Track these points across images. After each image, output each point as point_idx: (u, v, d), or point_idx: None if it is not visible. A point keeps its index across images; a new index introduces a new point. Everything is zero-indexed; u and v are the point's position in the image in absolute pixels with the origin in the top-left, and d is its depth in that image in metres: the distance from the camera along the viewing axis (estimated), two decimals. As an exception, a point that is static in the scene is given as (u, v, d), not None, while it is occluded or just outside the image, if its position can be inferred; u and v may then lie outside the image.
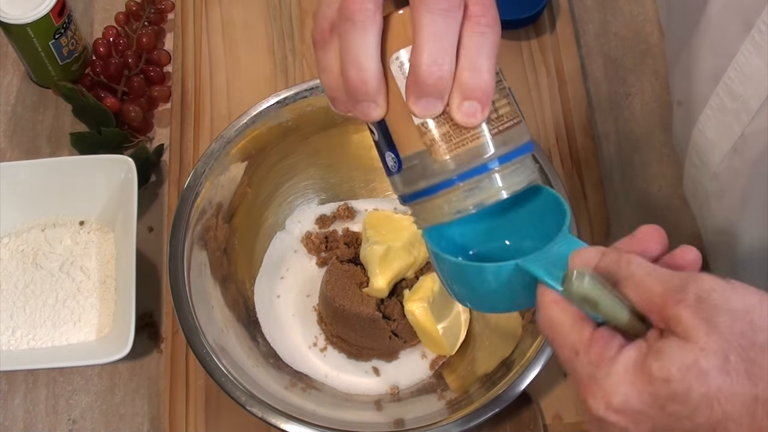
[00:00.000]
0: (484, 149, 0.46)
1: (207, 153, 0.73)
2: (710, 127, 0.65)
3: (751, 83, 0.60)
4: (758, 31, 0.58)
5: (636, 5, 0.93)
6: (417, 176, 0.47)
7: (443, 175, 0.46)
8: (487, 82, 0.44)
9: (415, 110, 0.45)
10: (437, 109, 0.45)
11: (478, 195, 0.46)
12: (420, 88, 0.44)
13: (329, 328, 0.75)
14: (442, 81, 0.44)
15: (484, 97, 0.45)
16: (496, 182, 0.46)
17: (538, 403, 0.74)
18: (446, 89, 0.44)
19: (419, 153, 0.46)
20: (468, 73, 0.44)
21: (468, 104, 0.44)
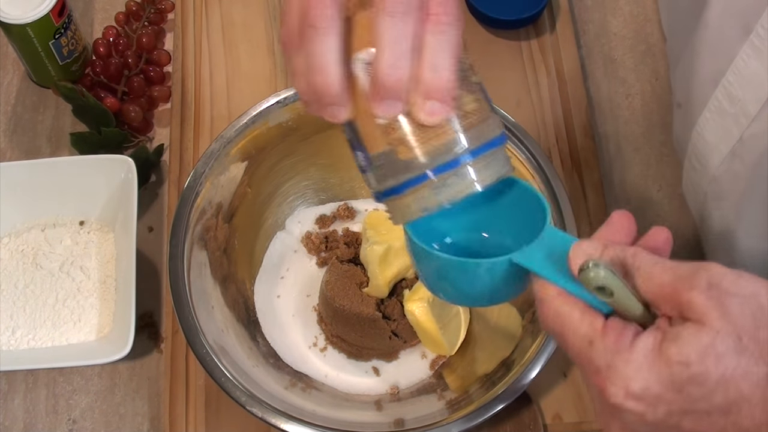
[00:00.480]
0: (450, 146, 0.46)
1: (207, 153, 0.73)
2: (709, 130, 0.65)
3: (750, 87, 0.60)
4: (757, 36, 0.58)
5: (636, 5, 0.93)
6: (386, 174, 0.48)
7: (409, 172, 0.47)
8: (447, 80, 0.45)
9: (377, 112, 0.46)
10: (397, 110, 0.46)
11: (446, 191, 0.47)
12: (380, 90, 0.45)
13: (329, 328, 0.75)
14: (401, 83, 0.44)
15: (446, 96, 0.45)
16: (463, 178, 0.47)
17: (538, 403, 0.74)
18: (405, 91, 0.45)
19: (386, 152, 0.47)
20: (429, 73, 0.45)
21: (429, 104, 0.45)
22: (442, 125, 0.46)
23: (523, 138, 0.73)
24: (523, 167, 0.72)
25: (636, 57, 0.90)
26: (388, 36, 0.44)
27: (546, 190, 0.71)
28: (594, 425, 0.74)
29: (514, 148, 0.73)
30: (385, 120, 0.46)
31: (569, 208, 0.71)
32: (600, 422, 0.45)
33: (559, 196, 0.71)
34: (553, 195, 0.71)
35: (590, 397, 0.45)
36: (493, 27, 0.89)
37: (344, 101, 0.46)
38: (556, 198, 0.71)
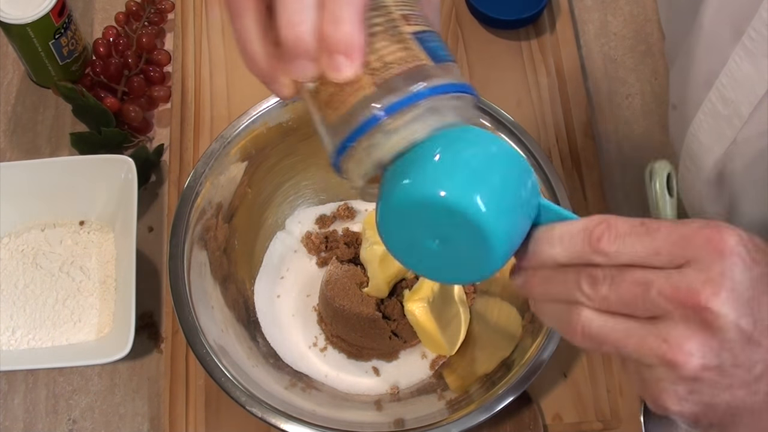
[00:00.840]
0: (365, 102, 0.42)
1: (207, 153, 0.73)
2: (703, 132, 0.65)
3: (743, 89, 0.60)
4: (749, 38, 0.58)
5: (636, 5, 0.93)
6: (326, 143, 0.45)
7: (340, 136, 0.43)
8: (349, 31, 0.42)
9: (289, 74, 0.43)
10: (307, 69, 0.42)
11: (376, 152, 0.43)
12: (286, 51, 0.42)
13: (329, 328, 0.75)
14: (301, 41, 0.41)
15: (349, 47, 0.42)
16: (391, 136, 0.43)
17: (538, 403, 0.74)
18: (310, 48, 0.42)
19: (320, 119, 0.44)
20: (329, 27, 0.41)
21: (334, 58, 0.42)
22: (359, 80, 0.42)
23: (523, 138, 0.73)
24: (523, 167, 0.72)
25: (636, 57, 0.90)
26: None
27: (546, 190, 0.71)
28: (594, 425, 0.74)
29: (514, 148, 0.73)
30: (311, 84, 0.43)
31: (569, 208, 0.71)
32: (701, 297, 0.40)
33: (559, 196, 0.71)
34: (553, 195, 0.71)
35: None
36: (493, 27, 0.89)
37: (277, 77, 0.44)
38: (556, 198, 0.71)
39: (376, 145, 0.43)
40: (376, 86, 0.43)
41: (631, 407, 0.74)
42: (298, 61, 0.42)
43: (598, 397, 0.74)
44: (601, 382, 0.74)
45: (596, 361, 0.75)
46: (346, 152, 0.44)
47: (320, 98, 0.44)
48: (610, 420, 0.74)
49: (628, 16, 0.93)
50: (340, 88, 0.43)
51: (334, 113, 0.43)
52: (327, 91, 0.43)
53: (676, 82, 0.73)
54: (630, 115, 0.88)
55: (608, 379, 0.75)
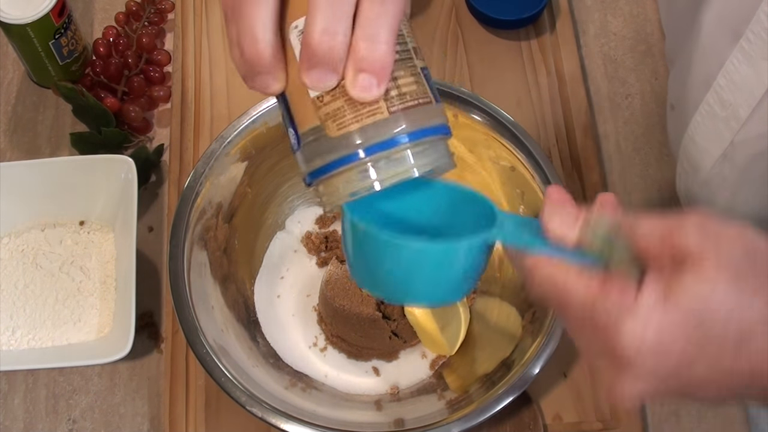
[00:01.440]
0: (382, 125, 0.43)
1: (207, 153, 0.73)
2: (700, 133, 0.65)
3: (741, 92, 0.60)
4: (747, 41, 0.58)
5: (636, 5, 0.93)
6: (314, 153, 0.44)
7: (338, 152, 0.43)
8: (384, 53, 0.42)
9: (306, 81, 0.42)
10: (329, 80, 0.42)
11: (374, 176, 0.44)
12: (311, 58, 0.42)
13: (329, 328, 0.75)
14: (334, 51, 0.41)
15: (381, 70, 0.42)
16: (396, 162, 0.44)
17: (538, 403, 0.74)
18: (339, 60, 0.42)
19: (314, 128, 0.44)
20: (363, 44, 0.41)
21: (362, 77, 0.42)
22: (376, 103, 0.43)
23: (523, 138, 0.73)
24: (523, 167, 0.72)
25: (636, 57, 0.90)
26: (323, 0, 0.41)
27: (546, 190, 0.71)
28: (594, 425, 0.74)
29: (514, 148, 0.73)
30: (317, 93, 0.43)
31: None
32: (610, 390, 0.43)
33: (559, 196, 0.71)
34: (553, 195, 0.71)
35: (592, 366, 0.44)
36: (493, 27, 0.89)
37: (276, 71, 0.43)
38: (556, 198, 0.71)
39: (379, 168, 0.44)
40: (391, 114, 0.43)
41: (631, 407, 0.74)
42: (321, 69, 0.42)
43: (598, 397, 0.74)
44: (601, 382, 0.74)
45: (596, 361, 0.75)
46: (343, 167, 0.44)
47: (324, 109, 0.43)
48: (610, 420, 0.74)
49: (628, 16, 0.93)
50: (353, 106, 0.43)
51: (341, 128, 0.43)
52: (335, 103, 0.43)
53: (674, 83, 0.74)
54: (630, 115, 0.88)
55: (608, 379, 0.74)
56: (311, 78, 0.42)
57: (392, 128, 0.43)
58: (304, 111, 0.44)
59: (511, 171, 0.73)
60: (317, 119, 0.44)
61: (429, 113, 0.45)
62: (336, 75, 0.42)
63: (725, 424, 0.76)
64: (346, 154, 0.43)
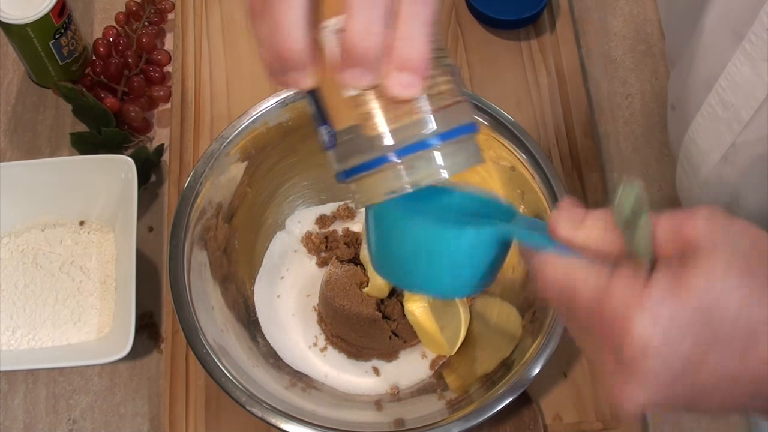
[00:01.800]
0: (421, 125, 0.44)
1: (207, 153, 0.73)
2: (701, 135, 0.65)
3: (742, 93, 0.60)
4: (749, 42, 0.58)
5: (636, 5, 0.93)
6: (351, 152, 0.45)
7: (377, 151, 0.44)
8: (422, 51, 0.42)
9: (345, 80, 0.43)
10: (368, 80, 0.43)
11: (415, 174, 0.44)
12: (350, 57, 0.42)
13: (329, 328, 0.75)
14: (373, 50, 0.41)
15: (420, 68, 0.42)
16: (435, 161, 0.44)
17: (538, 403, 0.74)
18: (378, 59, 0.42)
19: (352, 127, 0.44)
20: (402, 43, 0.42)
21: (402, 76, 0.42)
22: (413, 103, 0.43)
23: (523, 138, 0.73)
24: (523, 167, 0.72)
25: (636, 57, 0.90)
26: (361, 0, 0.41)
27: (546, 190, 0.71)
28: (594, 425, 0.74)
29: (514, 148, 0.73)
30: (354, 92, 0.43)
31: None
32: (613, 393, 0.43)
33: (559, 196, 0.71)
34: (553, 195, 0.71)
35: (597, 369, 0.44)
36: (493, 27, 0.89)
37: (309, 67, 0.43)
38: (556, 198, 0.71)
39: (416, 168, 0.44)
40: (429, 113, 0.44)
41: (631, 407, 0.74)
42: (360, 68, 0.42)
43: (598, 397, 0.74)
44: (601, 382, 0.74)
45: (596, 361, 0.75)
46: (380, 167, 0.44)
47: (362, 108, 0.44)
48: (610, 420, 0.74)
49: (628, 16, 0.93)
50: (390, 105, 0.43)
51: (377, 127, 0.44)
52: (373, 103, 0.44)
53: (676, 84, 0.73)
54: (630, 115, 0.88)
55: (608, 379, 0.74)
56: (350, 77, 0.42)
57: (430, 128, 0.44)
58: (339, 110, 0.45)
59: (511, 171, 0.73)
60: (355, 118, 0.44)
61: (462, 111, 0.45)
62: (374, 74, 0.42)
63: (726, 424, 0.76)
64: (383, 153, 0.44)
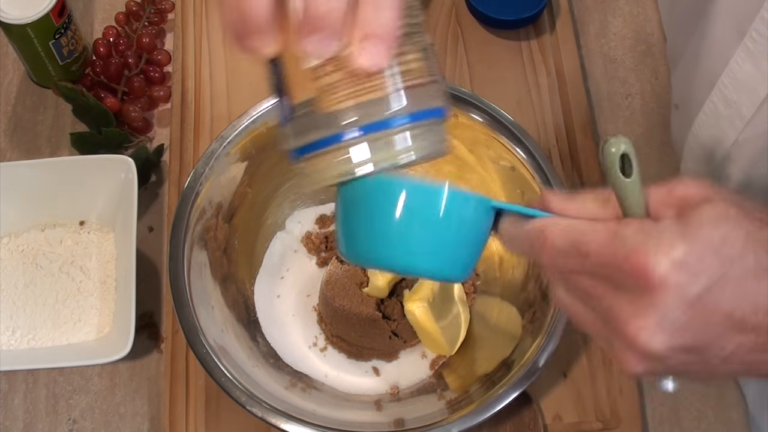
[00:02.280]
0: (384, 103, 0.40)
1: (207, 153, 0.73)
2: (705, 132, 0.66)
3: (744, 90, 0.60)
4: (750, 39, 0.58)
5: (636, 5, 0.93)
6: (305, 128, 0.41)
7: (334, 128, 0.40)
8: (389, 19, 0.39)
9: (306, 47, 0.39)
10: (329, 47, 0.39)
11: (371, 157, 0.41)
12: (311, 22, 0.38)
13: (329, 328, 0.75)
14: (335, 14, 0.38)
15: (387, 37, 0.39)
16: (392, 147, 0.41)
17: (538, 403, 0.74)
18: (341, 25, 0.39)
19: (309, 101, 0.41)
20: (370, 10, 0.38)
21: (368, 44, 0.39)
22: (378, 78, 0.40)
23: (523, 138, 0.73)
24: (523, 167, 0.72)
25: (636, 57, 0.90)
26: None
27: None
28: (594, 425, 0.74)
29: (514, 148, 0.73)
30: (315, 61, 0.40)
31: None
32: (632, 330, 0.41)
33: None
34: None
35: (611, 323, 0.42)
36: (493, 27, 0.89)
37: (270, 31, 0.40)
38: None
39: (375, 149, 0.41)
40: (393, 92, 0.40)
41: (631, 407, 0.74)
42: (321, 34, 0.39)
43: (598, 397, 0.74)
44: (601, 382, 0.74)
45: (596, 361, 0.75)
46: (335, 145, 0.41)
47: (322, 80, 0.40)
48: (610, 420, 0.74)
49: (628, 16, 0.93)
50: (353, 79, 0.40)
51: (337, 103, 0.40)
52: (333, 75, 0.40)
53: (678, 82, 0.74)
54: (630, 115, 0.88)
55: (608, 379, 0.75)
56: (310, 43, 0.39)
57: (392, 107, 0.40)
58: (298, 81, 0.41)
59: (511, 171, 0.73)
60: (313, 91, 0.41)
61: (432, 93, 0.42)
62: (337, 41, 0.39)
63: (725, 424, 0.76)
64: (341, 131, 0.40)
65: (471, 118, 0.74)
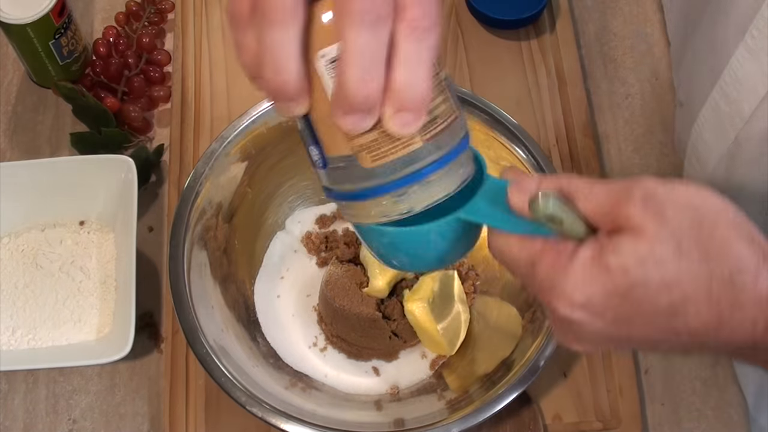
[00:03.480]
0: (415, 157, 0.43)
1: (207, 153, 0.73)
2: (707, 130, 0.66)
3: (745, 88, 0.60)
4: (751, 37, 0.58)
5: (636, 5, 0.93)
6: (343, 178, 0.44)
7: (371, 182, 0.44)
8: (423, 91, 0.41)
9: (342, 126, 0.41)
10: (365, 124, 0.41)
11: (408, 201, 0.45)
12: (347, 104, 0.40)
13: (329, 328, 0.75)
14: (370, 98, 0.40)
15: (420, 107, 0.41)
16: (428, 189, 0.44)
17: (538, 403, 0.74)
18: (375, 104, 0.41)
19: (346, 157, 0.43)
20: (403, 84, 0.40)
21: (403, 115, 0.41)
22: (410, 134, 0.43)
23: (523, 138, 0.73)
24: (523, 167, 0.72)
25: (636, 57, 0.90)
26: (356, 46, 0.39)
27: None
28: (594, 425, 0.74)
29: (514, 148, 0.73)
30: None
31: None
32: (557, 338, 0.46)
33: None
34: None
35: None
36: (493, 27, 0.89)
37: (301, 99, 0.42)
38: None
39: (411, 195, 0.44)
40: (425, 141, 0.43)
41: (631, 407, 0.74)
42: (358, 115, 0.41)
43: (598, 397, 0.74)
44: (601, 382, 0.75)
45: (596, 361, 0.75)
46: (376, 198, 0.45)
47: (358, 140, 0.43)
48: (610, 420, 0.74)
49: (628, 16, 0.93)
50: (388, 138, 0.43)
51: (376, 160, 0.43)
52: (369, 135, 0.43)
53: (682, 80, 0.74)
54: (630, 115, 0.88)
55: (608, 379, 0.75)
56: (347, 122, 0.41)
57: (424, 159, 0.43)
58: (333, 138, 0.44)
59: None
60: (349, 149, 0.43)
61: (456, 131, 0.45)
62: (373, 118, 0.41)
63: (725, 424, 0.76)
64: (380, 184, 0.44)
65: (471, 118, 0.74)
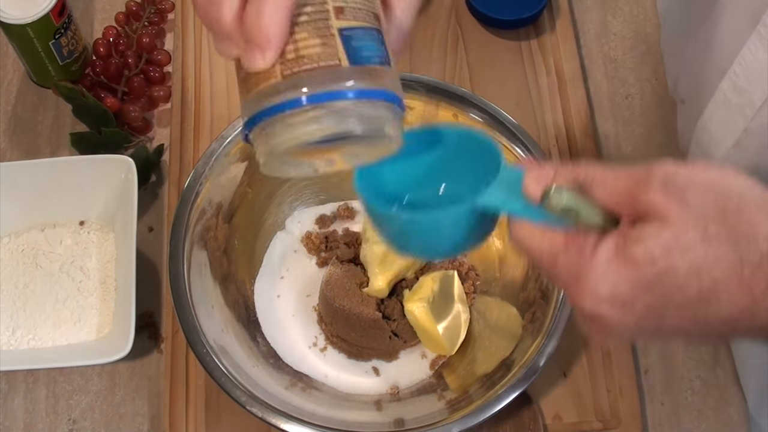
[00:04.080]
0: (272, 91, 0.44)
1: (207, 153, 0.73)
2: (714, 122, 0.65)
3: (756, 78, 0.60)
4: (764, 26, 0.58)
5: (636, 5, 0.93)
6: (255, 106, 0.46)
7: (245, 115, 0.45)
8: (266, 26, 0.42)
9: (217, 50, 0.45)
10: (231, 51, 0.44)
11: (270, 141, 0.44)
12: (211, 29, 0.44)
13: (329, 328, 0.75)
14: (220, 24, 0.43)
15: (265, 43, 0.43)
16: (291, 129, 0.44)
17: (538, 403, 0.74)
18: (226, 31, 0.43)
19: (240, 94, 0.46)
20: (251, 17, 0.43)
21: (249, 49, 0.43)
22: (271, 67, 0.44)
23: (523, 138, 0.73)
24: (523, 167, 0.72)
25: (636, 57, 0.90)
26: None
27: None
28: (594, 425, 0.74)
29: (514, 148, 0.73)
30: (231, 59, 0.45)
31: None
32: (583, 330, 0.45)
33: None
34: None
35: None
36: (493, 27, 0.89)
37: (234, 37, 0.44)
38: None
39: (272, 134, 0.44)
40: (283, 78, 0.43)
41: (631, 407, 0.74)
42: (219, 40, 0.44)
43: (598, 397, 0.74)
44: (601, 382, 0.75)
45: (596, 361, 0.75)
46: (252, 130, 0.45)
47: (239, 75, 0.46)
48: (610, 420, 0.74)
49: (628, 16, 0.93)
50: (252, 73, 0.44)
51: (245, 93, 0.45)
52: (242, 71, 0.45)
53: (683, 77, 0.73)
54: (630, 115, 0.88)
55: (608, 379, 0.75)
56: (218, 48, 0.45)
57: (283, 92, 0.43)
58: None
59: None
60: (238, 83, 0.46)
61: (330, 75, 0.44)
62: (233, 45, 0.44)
63: (725, 424, 0.76)
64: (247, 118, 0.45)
65: (471, 118, 0.74)
